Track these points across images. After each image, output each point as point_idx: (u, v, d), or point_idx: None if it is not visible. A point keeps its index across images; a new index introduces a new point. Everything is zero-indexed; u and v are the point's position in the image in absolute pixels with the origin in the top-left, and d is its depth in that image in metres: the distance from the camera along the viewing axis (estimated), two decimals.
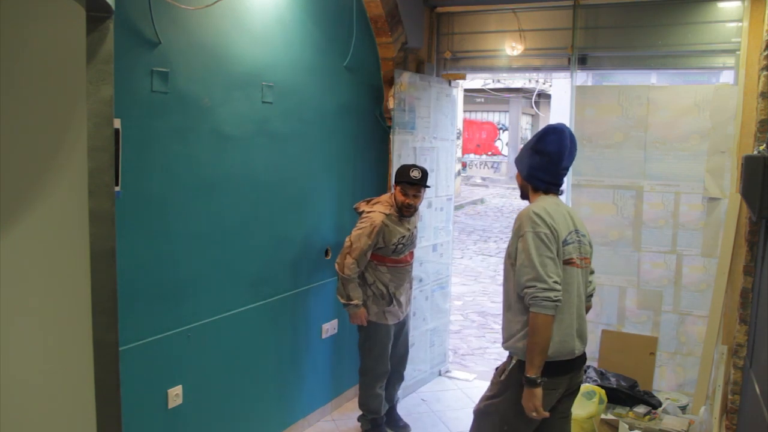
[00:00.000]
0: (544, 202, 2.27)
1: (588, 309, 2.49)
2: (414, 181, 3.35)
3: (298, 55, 3.37)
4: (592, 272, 2.51)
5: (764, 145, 2.75)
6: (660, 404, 3.59)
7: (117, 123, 2.33)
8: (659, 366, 3.97)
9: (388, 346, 3.53)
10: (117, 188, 2.37)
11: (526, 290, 2.16)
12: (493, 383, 2.36)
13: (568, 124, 4.20)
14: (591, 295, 2.49)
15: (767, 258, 2.44)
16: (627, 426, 3.34)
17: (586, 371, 3.81)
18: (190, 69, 2.70)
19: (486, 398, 2.37)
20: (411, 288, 3.66)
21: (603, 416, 3.42)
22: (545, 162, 2.29)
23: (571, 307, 2.25)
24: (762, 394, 2.15)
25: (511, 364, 2.27)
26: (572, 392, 2.40)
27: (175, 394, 2.74)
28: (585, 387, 3.47)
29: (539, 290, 2.12)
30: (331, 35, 3.65)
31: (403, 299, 3.53)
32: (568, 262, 2.23)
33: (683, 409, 3.63)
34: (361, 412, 3.65)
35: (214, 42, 2.81)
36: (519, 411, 2.22)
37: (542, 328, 2.13)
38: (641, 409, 3.49)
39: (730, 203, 3.75)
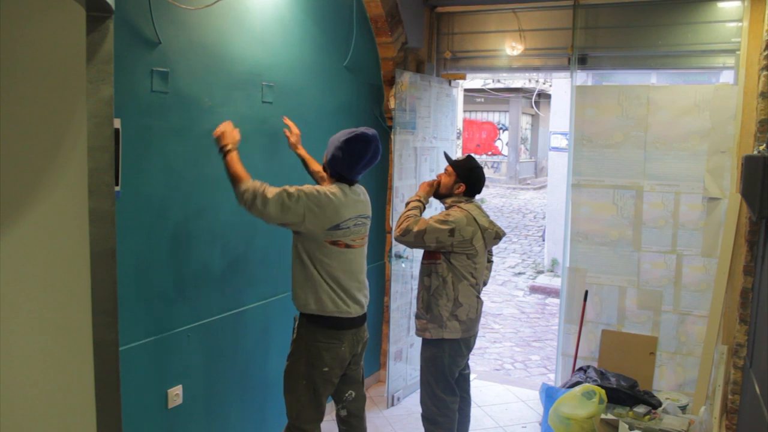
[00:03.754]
0: (331, 188, 2.60)
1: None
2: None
3: (298, 55, 3.37)
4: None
5: (764, 145, 2.75)
6: (660, 404, 3.59)
7: (117, 123, 2.33)
8: (659, 366, 3.97)
9: None
10: (117, 188, 2.37)
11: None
12: (290, 344, 2.69)
13: (568, 124, 4.23)
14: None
15: (767, 258, 2.44)
16: (627, 426, 3.34)
17: (586, 371, 3.82)
18: (190, 69, 2.70)
19: (287, 357, 2.68)
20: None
21: (603, 416, 3.42)
22: (344, 161, 2.61)
23: (339, 278, 2.60)
24: (762, 394, 2.15)
25: (297, 321, 2.64)
26: (360, 352, 2.76)
27: (175, 394, 2.74)
28: (585, 387, 3.47)
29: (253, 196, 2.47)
30: (331, 35, 3.65)
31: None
32: (334, 243, 2.58)
33: (683, 409, 3.63)
34: None
35: (214, 42, 2.81)
36: (312, 365, 2.58)
37: (228, 167, 2.51)
38: (641, 409, 3.49)
39: (730, 203, 3.75)
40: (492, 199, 17.15)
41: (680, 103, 3.89)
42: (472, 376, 4.65)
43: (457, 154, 5.14)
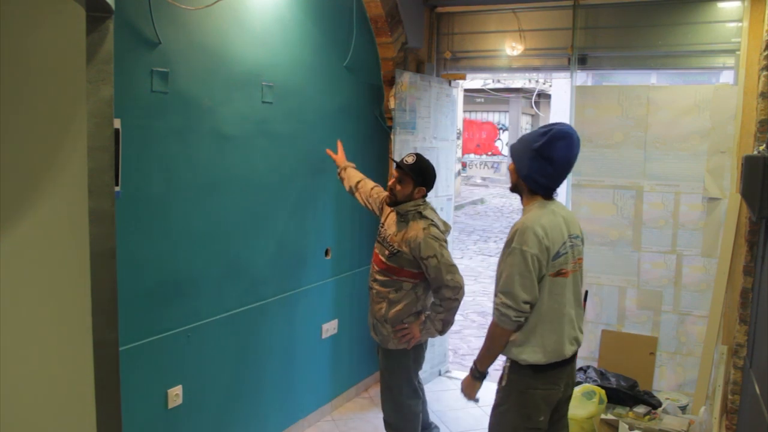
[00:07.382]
0: (542, 213, 2.20)
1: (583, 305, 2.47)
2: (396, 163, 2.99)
3: (298, 55, 3.37)
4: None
5: (764, 145, 2.75)
6: (660, 404, 3.59)
7: (117, 123, 2.33)
8: (659, 366, 3.97)
9: None
10: (117, 188, 2.37)
11: (496, 298, 2.20)
12: (497, 392, 2.37)
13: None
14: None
15: (767, 258, 2.44)
16: (627, 426, 3.34)
17: (586, 371, 3.81)
18: (190, 69, 2.70)
19: (493, 407, 2.37)
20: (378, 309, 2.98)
21: (603, 416, 3.42)
22: (550, 169, 2.17)
23: (561, 317, 2.24)
24: (762, 394, 2.15)
25: (506, 368, 2.31)
26: (569, 394, 2.42)
27: (175, 394, 2.74)
28: (585, 387, 3.47)
29: (505, 306, 2.16)
30: (331, 35, 3.65)
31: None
32: (558, 274, 2.21)
33: (683, 409, 3.63)
34: None
35: (214, 42, 2.81)
36: (525, 414, 2.24)
37: (498, 338, 2.23)
38: (641, 409, 3.49)
39: (730, 203, 3.74)
40: (492, 199, 17.15)
41: (680, 103, 3.89)
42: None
43: (457, 155, 5.12)
